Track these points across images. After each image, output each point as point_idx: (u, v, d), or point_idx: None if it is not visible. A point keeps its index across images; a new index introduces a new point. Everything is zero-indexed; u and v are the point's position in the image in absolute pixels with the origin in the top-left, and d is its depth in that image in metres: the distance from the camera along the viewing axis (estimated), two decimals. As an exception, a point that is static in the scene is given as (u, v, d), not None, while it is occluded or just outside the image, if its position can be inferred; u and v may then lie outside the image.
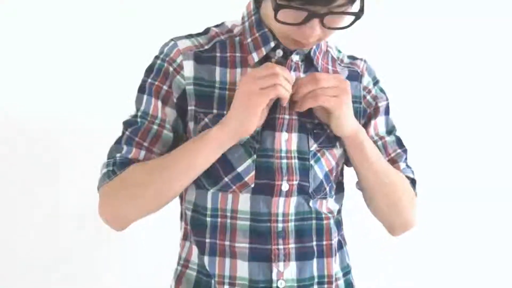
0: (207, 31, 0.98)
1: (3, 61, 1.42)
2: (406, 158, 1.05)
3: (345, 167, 1.05)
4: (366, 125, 1.03)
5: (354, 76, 1.01)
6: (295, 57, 0.93)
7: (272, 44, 0.91)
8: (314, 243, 0.95)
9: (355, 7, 0.82)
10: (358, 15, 0.82)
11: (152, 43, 1.00)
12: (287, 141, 0.92)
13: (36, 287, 1.42)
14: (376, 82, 1.05)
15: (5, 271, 1.41)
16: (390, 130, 1.06)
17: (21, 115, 1.42)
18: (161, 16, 1.48)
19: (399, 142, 1.06)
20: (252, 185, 0.90)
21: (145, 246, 1.45)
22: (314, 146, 0.94)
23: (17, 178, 1.43)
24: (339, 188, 1.03)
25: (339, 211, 1.03)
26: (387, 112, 1.06)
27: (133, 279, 1.45)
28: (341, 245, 1.02)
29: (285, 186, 0.91)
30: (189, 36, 0.96)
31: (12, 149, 1.42)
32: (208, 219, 0.93)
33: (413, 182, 1.04)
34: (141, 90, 0.96)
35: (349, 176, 1.04)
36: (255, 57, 0.92)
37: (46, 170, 1.44)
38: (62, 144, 1.43)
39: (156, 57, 0.96)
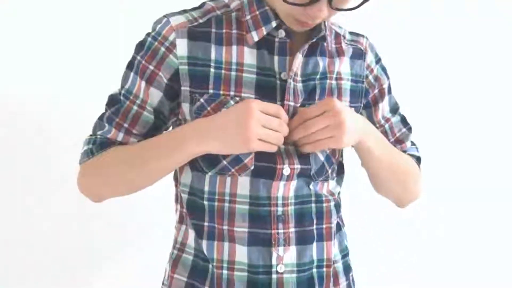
0: (202, 5, 0.93)
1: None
2: (410, 136, 1.08)
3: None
4: (372, 109, 1.03)
5: (358, 54, 0.99)
6: (310, 42, 0.89)
7: (274, 23, 0.88)
8: (315, 226, 0.93)
9: None
10: None
11: (144, 26, 0.95)
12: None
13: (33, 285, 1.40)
14: (378, 60, 1.03)
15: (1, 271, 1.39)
16: (395, 108, 1.07)
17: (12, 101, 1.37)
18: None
19: (404, 121, 1.08)
20: (252, 167, 0.88)
21: (141, 229, 1.43)
22: None
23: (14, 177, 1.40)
24: (340, 169, 1.02)
25: (338, 193, 1.01)
26: (389, 91, 1.06)
27: (128, 264, 1.44)
28: (339, 227, 1.01)
29: (286, 170, 0.89)
30: (183, 12, 0.91)
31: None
32: (206, 202, 0.91)
33: (418, 159, 1.08)
34: (129, 66, 0.93)
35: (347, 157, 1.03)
36: (255, 36, 0.88)
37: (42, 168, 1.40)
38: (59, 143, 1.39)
39: (148, 34, 0.92)
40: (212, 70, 0.88)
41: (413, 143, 1.11)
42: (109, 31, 1.40)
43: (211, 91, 0.88)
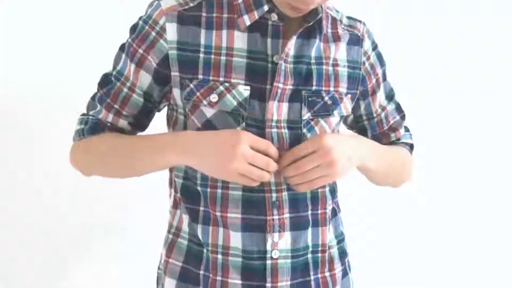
0: None
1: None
2: (404, 123, 1.09)
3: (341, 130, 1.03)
4: (370, 99, 1.03)
5: (355, 41, 0.98)
6: (307, 25, 0.88)
7: (266, 7, 0.86)
8: (309, 212, 0.93)
9: None
10: None
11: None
12: (277, 110, 0.88)
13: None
14: (375, 47, 1.02)
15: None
16: (390, 95, 1.07)
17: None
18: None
19: (398, 108, 1.09)
20: None
21: (137, 214, 1.43)
22: (307, 115, 0.90)
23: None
24: None
25: None
26: (385, 78, 1.05)
27: (125, 248, 1.45)
28: (335, 212, 1.01)
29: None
30: None
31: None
32: (199, 188, 0.91)
33: (411, 147, 1.10)
34: (122, 48, 0.94)
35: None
36: (247, 20, 0.87)
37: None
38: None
39: (140, 18, 0.92)
40: (201, 55, 0.87)
41: (407, 129, 1.12)
42: (107, 15, 1.38)
43: (200, 76, 0.87)
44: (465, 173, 1.70)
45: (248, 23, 0.87)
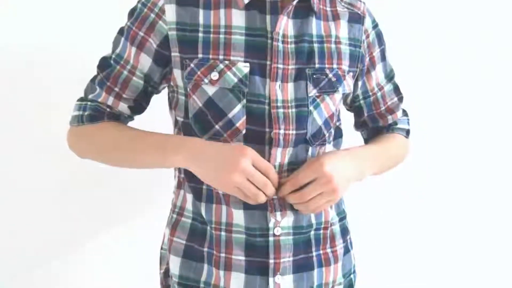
0: None
1: None
2: (401, 105, 1.10)
3: (341, 111, 1.04)
4: (365, 78, 1.03)
5: (356, 19, 0.98)
6: (294, 2, 0.88)
7: None
8: None
9: None
10: None
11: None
12: (283, 90, 0.89)
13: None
14: (375, 26, 1.03)
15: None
16: (390, 76, 1.08)
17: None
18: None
19: (396, 90, 1.09)
20: (244, 131, 0.88)
21: (136, 197, 1.44)
22: (313, 92, 0.91)
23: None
24: (337, 134, 1.02)
25: None
26: (383, 58, 1.05)
27: (122, 232, 1.45)
28: (337, 192, 1.01)
29: (282, 135, 0.89)
30: None
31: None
32: None
33: (407, 132, 1.11)
34: (121, 32, 0.95)
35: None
36: None
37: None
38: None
39: (138, 1, 0.93)
40: (200, 35, 0.88)
41: (405, 113, 1.13)
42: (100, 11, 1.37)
43: (200, 55, 0.88)
44: (466, 157, 1.69)
45: (246, 0, 0.87)
